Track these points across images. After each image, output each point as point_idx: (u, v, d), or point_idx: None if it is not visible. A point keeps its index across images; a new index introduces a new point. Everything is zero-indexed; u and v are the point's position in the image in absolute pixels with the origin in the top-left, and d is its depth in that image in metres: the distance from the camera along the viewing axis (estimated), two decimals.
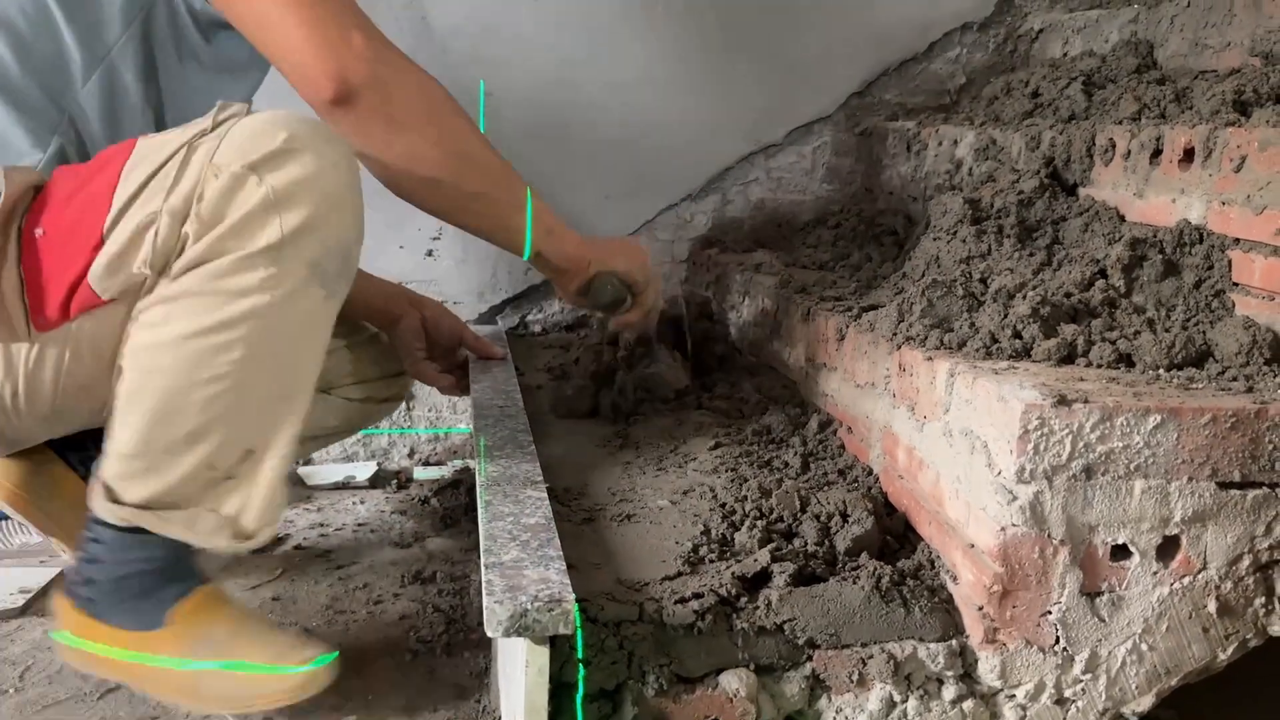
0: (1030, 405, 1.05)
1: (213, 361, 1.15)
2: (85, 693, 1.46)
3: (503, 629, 0.97)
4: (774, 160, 2.42)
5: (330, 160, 1.16)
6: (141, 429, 1.19)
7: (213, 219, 1.12)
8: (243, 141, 1.13)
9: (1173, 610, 1.14)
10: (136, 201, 1.14)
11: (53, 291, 1.18)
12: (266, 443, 1.22)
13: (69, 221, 1.17)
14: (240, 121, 1.15)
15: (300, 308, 1.17)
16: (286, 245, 1.13)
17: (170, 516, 1.22)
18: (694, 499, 1.35)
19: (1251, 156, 1.31)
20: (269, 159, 1.12)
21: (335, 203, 1.16)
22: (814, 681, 1.12)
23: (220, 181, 1.12)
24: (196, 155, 1.13)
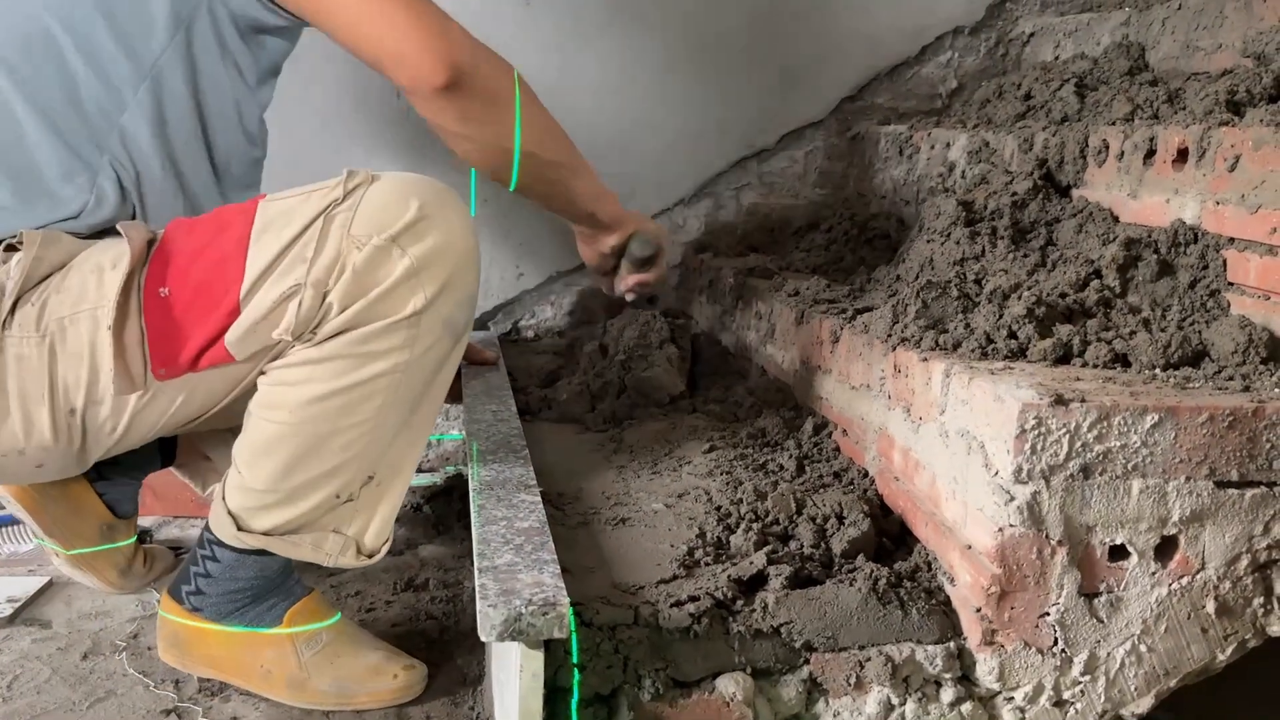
0: (1027, 405, 1.05)
1: (354, 412, 1.21)
2: (74, 702, 1.44)
3: (496, 633, 0.96)
4: (766, 165, 2.41)
5: (458, 225, 1.23)
6: (278, 472, 1.25)
7: (358, 290, 1.17)
8: (379, 212, 1.18)
9: (1171, 611, 1.13)
10: (275, 271, 1.19)
11: (182, 349, 1.23)
12: (392, 470, 1.29)
13: (196, 282, 1.22)
14: (370, 190, 1.20)
15: (434, 356, 1.24)
16: (427, 309, 1.20)
17: (298, 540, 1.29)
18: (689, 502, 1.34)
19: (1245, 156, 1.31)
20: (407, 230, 1.18)
21: (465, 264, 1.23)
22: (811, 685, 1.11)
23: (364, 254, 1.17)
24: (334, 226, 1.18)
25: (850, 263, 1.98)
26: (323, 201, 1.20)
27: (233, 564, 1.33)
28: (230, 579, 1.35)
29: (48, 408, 1.25)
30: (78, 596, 1.74)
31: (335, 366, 1.19)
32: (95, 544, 1.64)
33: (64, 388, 1.25)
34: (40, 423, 1.25)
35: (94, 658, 1.55)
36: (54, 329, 1.23)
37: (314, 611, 1.41)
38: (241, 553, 1.32)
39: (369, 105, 2.24)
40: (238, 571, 1.34)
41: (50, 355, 1.23)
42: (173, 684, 1.49)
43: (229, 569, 1.34)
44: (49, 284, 1.25)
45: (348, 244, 1.17)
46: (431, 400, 1.29)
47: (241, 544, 1.30)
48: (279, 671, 1.38)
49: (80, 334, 1.23)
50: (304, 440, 1.23)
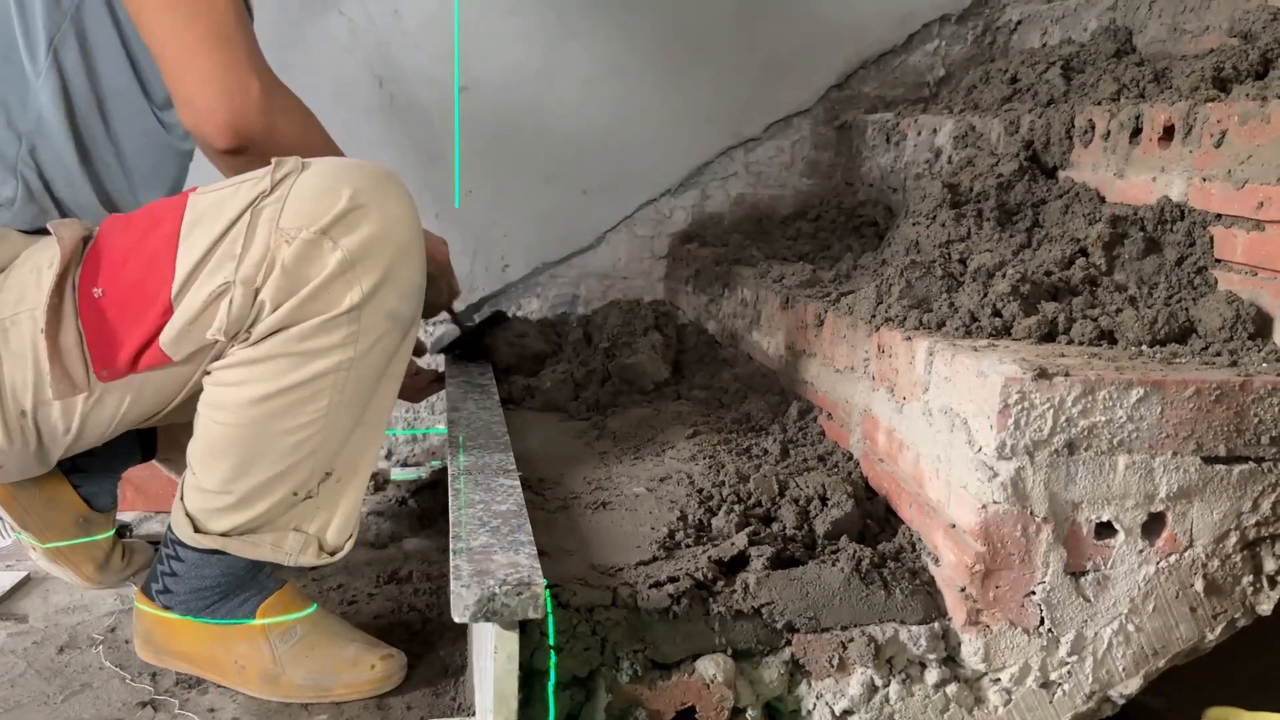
0: (1010, 379, 1.03)
1: (299, 412, 1.17)
2: (49, 695, 1.41)
3: (470, 614, 0.94)
4: (753, 154, 2.39)
5: (396, 213, 1.16)
6: (229, 473, 1.21)
7: (290, 286, 1.12)
8: (308, 203, 1.12)
9: (1159, 589, 1.12)
10: (204, 269, 1.14)
11: (119, 349, 1.19)
12: (350, 466, 1.25)
13: (129, 281, 1.18)
14: (299, 179, 1.14)
15: (380, 351, 1.19)
16: (366, 304, 1.14)
17: (257, 540, 1.26)
18: (671, 486, 1.32)
19: (1232, 131, 1.29)
20: (338, 220, 1.12)
21: (405, 252, 1.17)
22: (794, 666, 1.09)
23: (293, 248, 1.11)
24: (262, 220, 1.13)
25: (837, 250, 1.96)
26: (251, 193, 1.14)
27: (197, 563, 1.31)
28: (196, 577, 1.32)
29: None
30: (55, 591, 1.71)
31: (274, 366, 1.15)
32: (72, 537, 1.61)
33: (12, 389, 1.22)
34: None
35: (70, 651, 1.53)
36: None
37: (288, 604, 1.37)
38: (204, 552, 1.29)
39: (347, 94, 2.22)
40: (202, 570, 1.31)
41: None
42: (149, 677, 1.46)
43: (193, 568, 1.31)
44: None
45: (277, 238, 1.12)
46: (384, 395, 1.25)
47: (200, 545, 1.27)
48: (253, 665, 1.36)
49: (23, 335, 1.20)
50: (251, 441, 1.19)
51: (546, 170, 2.31)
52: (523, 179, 2.31)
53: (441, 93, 2.25)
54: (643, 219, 2.39)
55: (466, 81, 2.24)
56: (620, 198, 2.37)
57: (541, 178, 2.32)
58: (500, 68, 2.25)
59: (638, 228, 2.39)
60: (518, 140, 2.28)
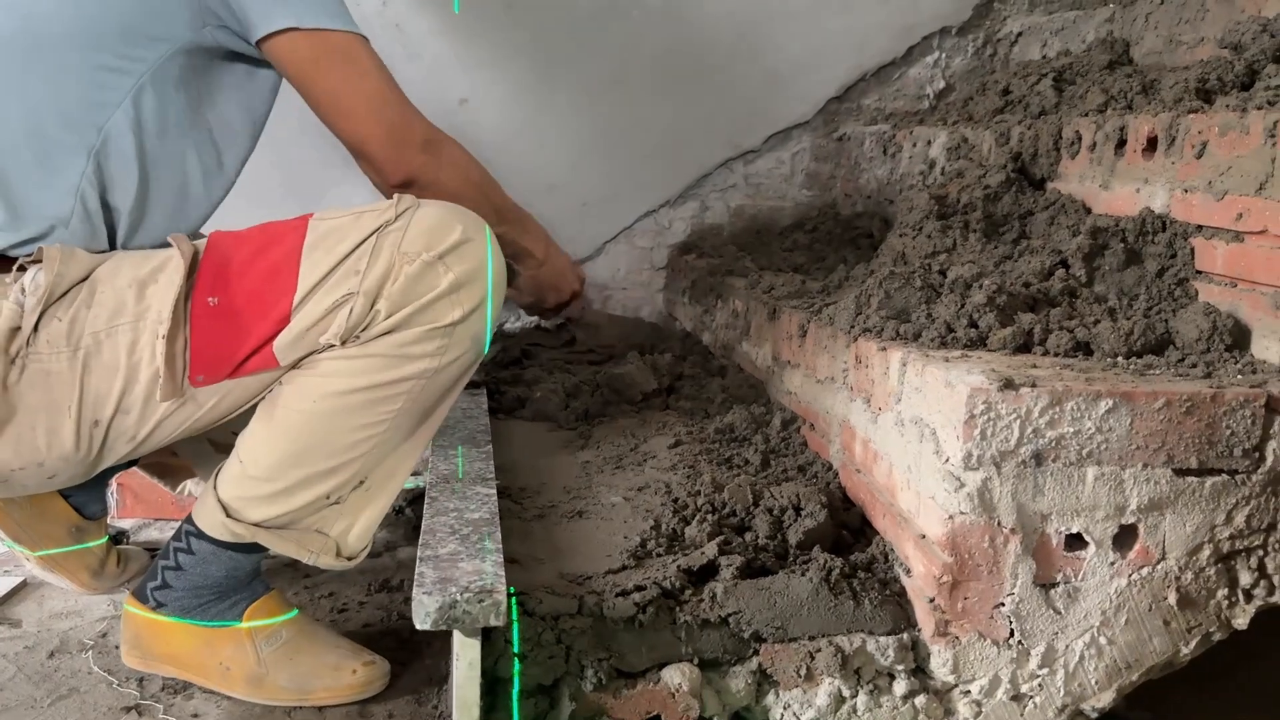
0: (975, 389, 1.03)
1: (373, 411, 1.25)
2: (36, 699, 1.43)
3: (431, 620, 0.95)
4: (752, 166, 2.40)
5: (491, 245, 1.30)
6: (284, 460, 1.27)
7: (406, 299, 1.24)
8: (426, 232, 1.26)
9: (1132, 602, 1.11)
10: (327, 283, 1.24)
11: (228, 355, 1.26)
12: (384, 478, 1.31)
13: (248, 291, 1.27)
14: (418, 213, 1.27)
15: (457, 367, 1.29)
16: (461, 323, 1.26)
17: (285, 535, 1.30)
18: (648, 495, 1.33)
19: (1212, 142, 1.29)
20: (452, 250, 1.25)
21: (497, 284, 1.30)
22: (761, 676, 1.09)
23: (413, 268, 1.24)
24: (386, 243, 1.25)
25: (832, 261, 1.96)
26: (376, 221, 1.26)
27: (207, 558, 1.33)
28: (200, 574, 1.34)
29: (73, 420, 1.27)
30: (50, 597, 1.73)
31: (371, 363, 1.24)
32: (64, 545, 1.63)
33: (93, 400, 1.27)
34: (64, 434, 1.27)
35: (60, 656, 1.54)
36: (88, 343, 1.26)
37: (273, 608, 1.40)
38: (219, 546, 1.31)
39: None
40: (210, 567, 1.34)
41: (83, 369, 1.26)
42: (136, 682, 1.48)
43: (201, 563, 1.34)
44: (74, 299, 1.27)
45: (399, 259, 1.24)
46: (441, 412, 1.33)
47: (226, 533, 1.30)
48: (237, 668, 1.37)
49: (117, 346, 1.25)
50: (317, 432, 1.25)
51: (546, 181, 2.33)
52: (522, 190, 2.31)
53: (443, 106, 2.27)
54: (642, 230, 2.40)
55: (467, 94, 2.26)
56: (620, 209, 2.38)
57: (542, 188, 2.33)
58: (501, 80, 2.27)
59: (637, 239, 2.40)
60: (519, 151, 2.30)
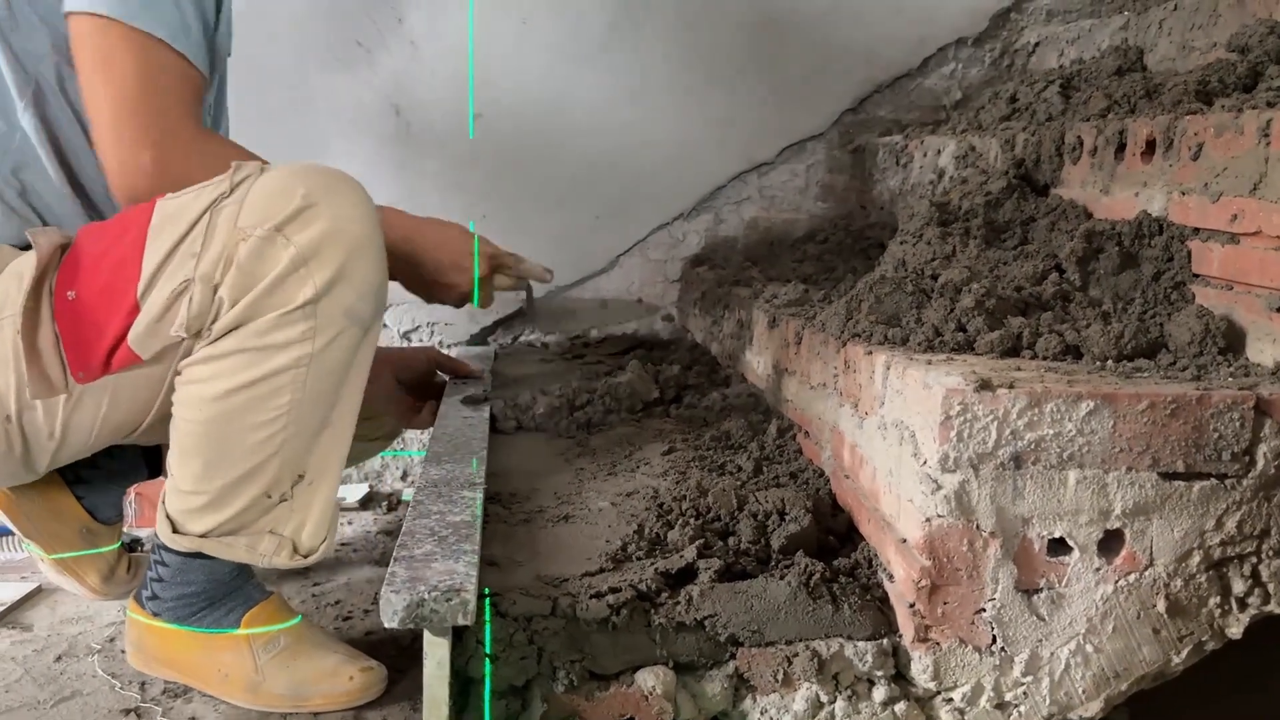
0: (951, 390, 1.02)
1: (261, 408, 1.21)
2: (40, 701, 1.45)
3: (399, 619, 0.95)
4: (767, 178, 2.40)
5: (350, 211, 1.20)
6: (200, 472, 1.26)
7: (247, 282, 1.17)
8: (264, 202, 1.17)
9: (1119, 609, 1.09)
10: (167, 268, 1.19)
11: (92, 350, 1.25)
12: (319, 467, 1.29)
13: (101, 284, 1.23)
14: (258, 181, 1.19)
15: (340, 348, 1.22)
16: (321, 299, 1.18)
17: (233, 542, 1.30)
18: (635, 500, 1.32)
19: (1208, 143, 1.27)
20: (292, 218, 1.16)
21: (360, 250, 1.20)
22: (738, 681, 1.08)
23: (249, 245, 1.16)
24: (221, 219, 1.17)
25: (841, 272, 1.95)
26: (211, 195, 1.19)
27: (180, 567, 1.34)
28: (181, 582, 1.35)
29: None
30: (63, 602, 1.76)
31: (236, 361, 1.19)
32: (76, 549, 1.66)
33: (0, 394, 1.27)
34: None
35: (67, 660, 1.57)
36: None
37: (273, 614, 1.40)
38: (186, 556, 1.32)
39: (366, 123, 2.28)
40: (186, 575, 1.34)
41: None
42: (138, 686, 1.50)
43: (178, 573, 1.35)
44: None
45: (234, 236, 1.16)
46: (349, 396, 1.28)
47: (179, 546, 1.30)
48: (236, 674, 1.39)
49: (5, 340, 1.25)
50: (218, 439, 1.22)
51: (560, 195, 2.34)
52: (537, 203, 2.35)
53: (457, 121, 2.30)
54: (656, 242, 2.40)
55: (481, 108, 2.28)
56: (633, 221, 2.39)
57: (555, 202, 2.35)
58: (514, 95, 2.29)
59: (651, 251, 2.41)
60: (531, 165, 2.32)
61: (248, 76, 2.00)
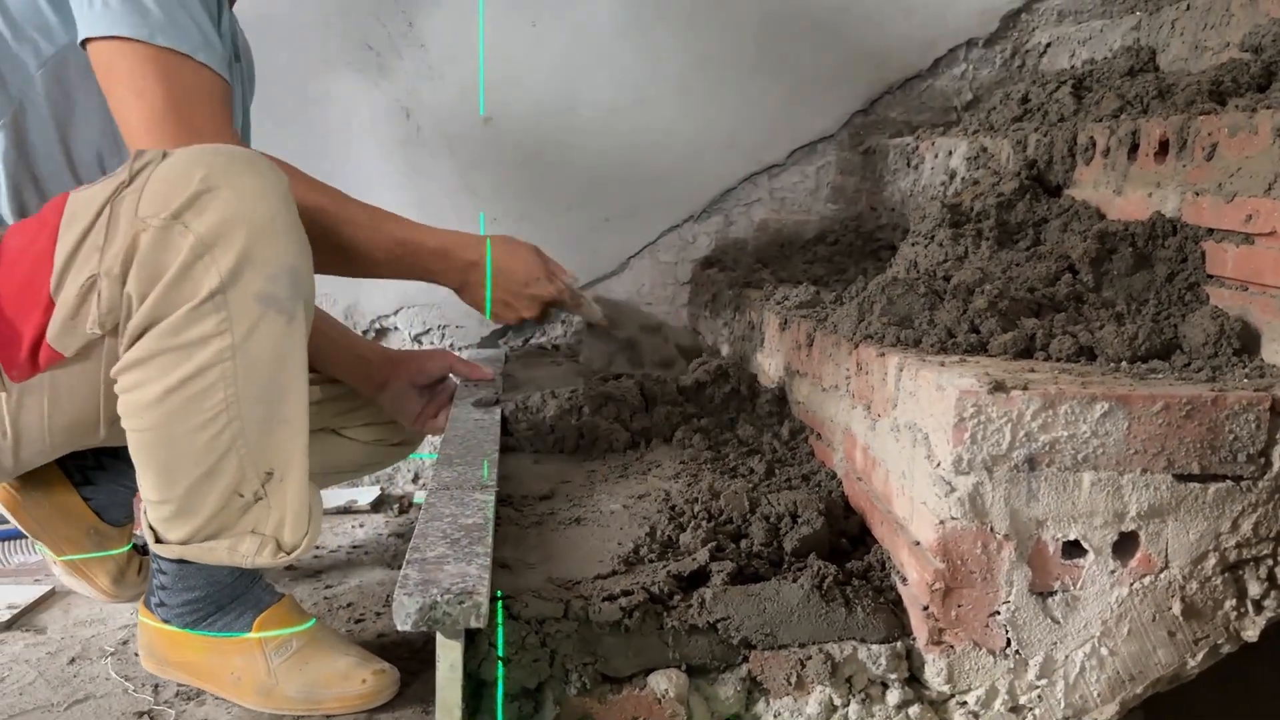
0: (965, 392, 1.01)
1: (199, 408, 1.19)
2: (54, 704, 1.46)
3: (411, 621, 0.95)
4: (777, 180, 2.40)
5: (251, 187, 1.16)
6: (158, 480, 1.25)
7: (151, 276, 1.14)
8: (162, 189, 1.13)
9: (1134, 612, 1.08)
10: (75, 263, 1.17)
11: (17, 347, 1.23)
12: (283, 462, 1.26)
13: (20, 280, 1.21)
14: (157, 168, 1.16)
15: (265, 337, 1.19)
16: (229, 287, 1.14)
17: (214, 546, 1.29)
18: (647, 503, 1.32)
19: (1222, 143, 1.26)
20: (189, 204, 1.13)
21: (265, 231, 1.16)
22: (751, 684, 1.08)
23: (149, 236, 1.13)
24: (122, 210, 1.14)
25: (852, 274, 1.95)
26: (113, 185, 1.16)
27: (177, 574, 1.34)
28: (183, 588, 1.35)
29: None
30: (76, 605, 1.77)
31: (159, 365, 1.16)
32: (85, 550, 1.67)
33: None
34: None
35: (81, 662, 1.58)
36: None
37: (285, 618, 1.40)
38: (175, 563, 1.32)
39: (376, 126, 2.28)
40: (186, 581, 1.34)
41: None
42: (151, 688, 1.50)
43: (176, 579, 1.34)
44: None
45: (135, 227, 1.13)
46: (293, 387, 1.24)
47: (165, 555, 1.30)
48: (248, 678, 1.38)
49: None
50: (165, 445, 1.21)
51: (570, 197, 2.34)
52: (546, 206, 2.35)
53: (467, 124, 2.30)
54: (666, 245, 2.40)
55: (491, 111, 2.28)
56: (643, 224, 2.39)
57: (565, 204, 2.35)
58: (523, 98, 2.29)
59: (661, 254, 2.40)
60: (541, 168, 2.32)
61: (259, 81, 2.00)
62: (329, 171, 2.24)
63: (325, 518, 2.28)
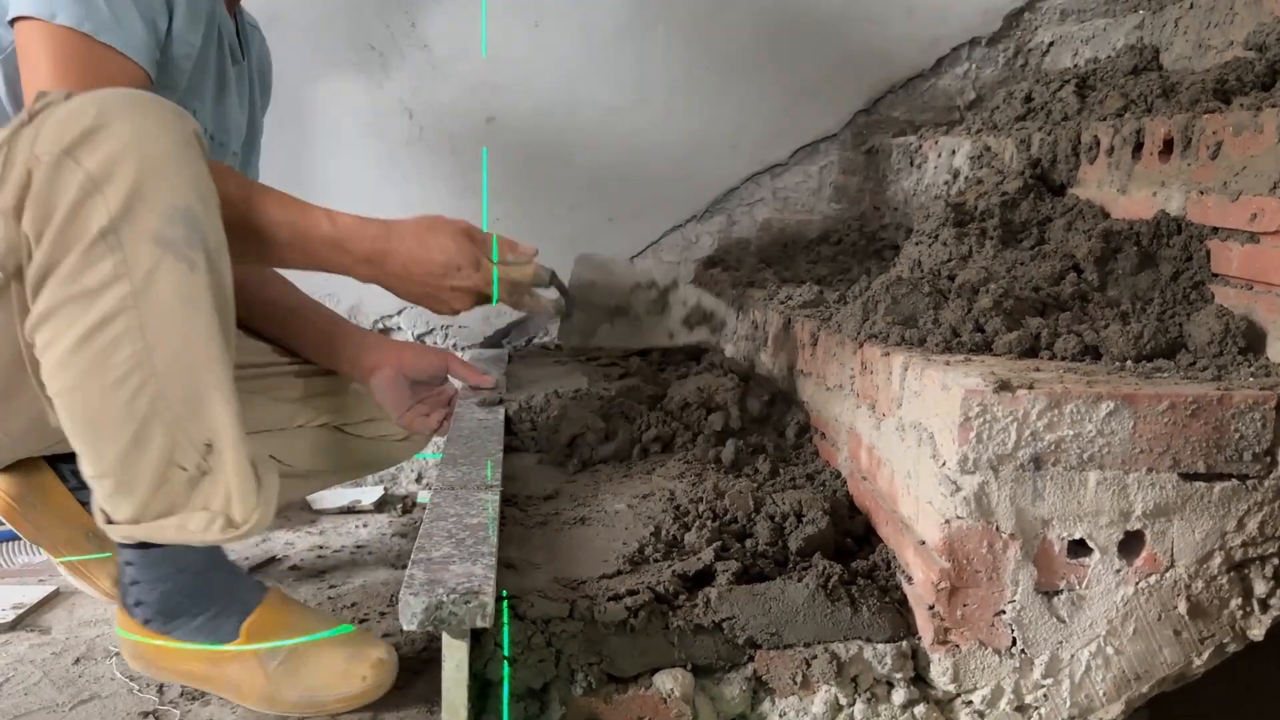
0: (970, 391, 1.01)
1: (109, 364, 1.14)
2: (59, 703, 1.46)
3: (417, 621, 0.95)
4: (780, 180, 2.40)
5: (146, 125, 1.11)
6: (87, 450, 1.20)
7: (44, 215, 1.10)
8: (58, 127, 1.10)
9: (1139, 611, 1.08)
10: None
11: None
12: (215, 430, 1.20)
13: None
14: (58, 106, 1.12)
15: (166, 285, 1.14)
16: (121, 225, 1.10)
17: (164, 524, 1.23)
18: (651, 502, 1.32)
19: (1227, 142, 1.26)
20: (82, 139, 1.09)
21: (158, 168, 1.11)
22: (756, 683, 1.07)
23: (41, 172, 1.09)
24: (19, 148, 1.11)
25: (856, 273, 1.95)
26: (14, 125, 1.12)
27: (143, 563, 1.30)
28: (156, 579, 1.31)
29: None
30: (81, 605, 1.77)
31: (63, 317, 1.12)
32: (84, 551, 1.66)
33: None
34: None
35: (85, 662, 1.58)
36: None
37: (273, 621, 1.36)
38: (140, 549, 1.28)
39: (379, 127, 2.28)
40: (155, 571, 1.30)
41: None
42: (156, 688, 1.50)
43: (144, 569, 1.31)
44: None
45: (30, 164, 1.09)
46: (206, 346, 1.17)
47: (118, 537, 1.25)
48: (248, 686, 1.36)
49: None
50: (82, 409, 1.16)
51: (573, 197, 2.34)
52: (549, 207, 2.35)
53: (470, 124, 2.30)
54: (669, 245, 2.40)
55: (493, 112, 2.28)
56: (646, 223, 2.39)
57: (568, 205, 2.35)
58: (526, 99, 2.29)
59: (664, 253, 2.40)
60: (544, 169, 2.32)
61: None
62: (332, 171, 2.27)
63: (329, 518, 2.28)
